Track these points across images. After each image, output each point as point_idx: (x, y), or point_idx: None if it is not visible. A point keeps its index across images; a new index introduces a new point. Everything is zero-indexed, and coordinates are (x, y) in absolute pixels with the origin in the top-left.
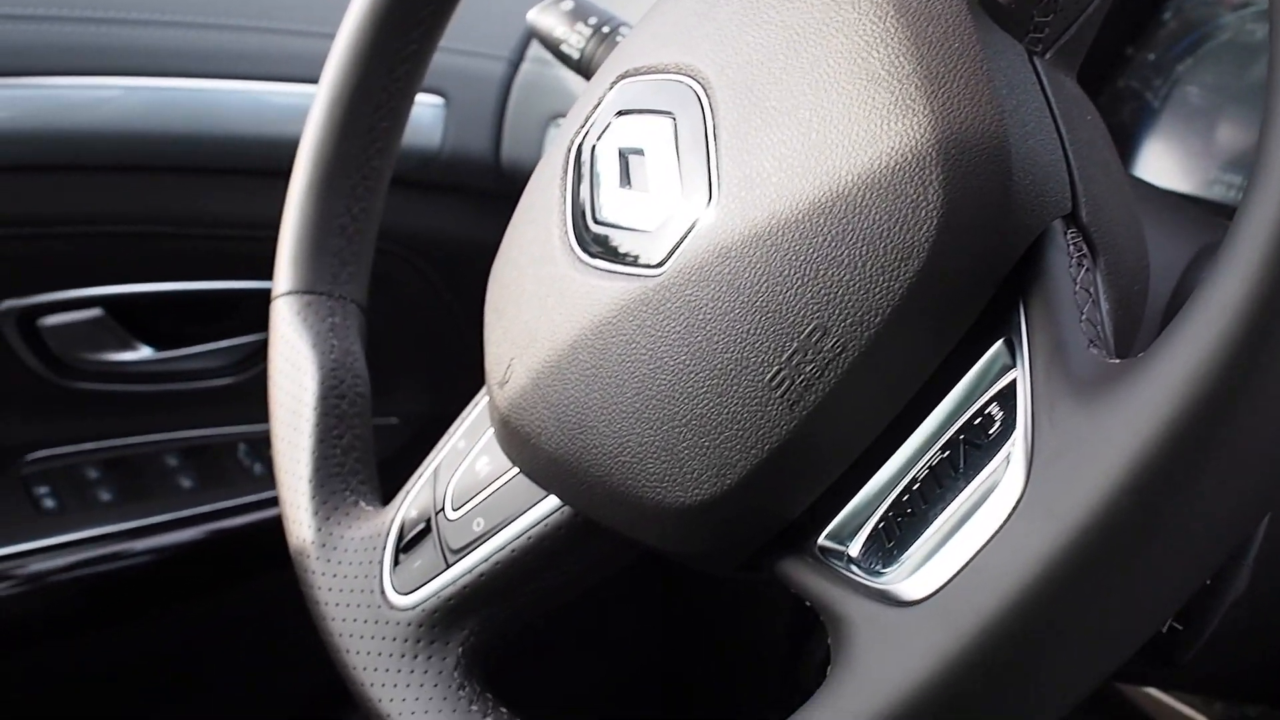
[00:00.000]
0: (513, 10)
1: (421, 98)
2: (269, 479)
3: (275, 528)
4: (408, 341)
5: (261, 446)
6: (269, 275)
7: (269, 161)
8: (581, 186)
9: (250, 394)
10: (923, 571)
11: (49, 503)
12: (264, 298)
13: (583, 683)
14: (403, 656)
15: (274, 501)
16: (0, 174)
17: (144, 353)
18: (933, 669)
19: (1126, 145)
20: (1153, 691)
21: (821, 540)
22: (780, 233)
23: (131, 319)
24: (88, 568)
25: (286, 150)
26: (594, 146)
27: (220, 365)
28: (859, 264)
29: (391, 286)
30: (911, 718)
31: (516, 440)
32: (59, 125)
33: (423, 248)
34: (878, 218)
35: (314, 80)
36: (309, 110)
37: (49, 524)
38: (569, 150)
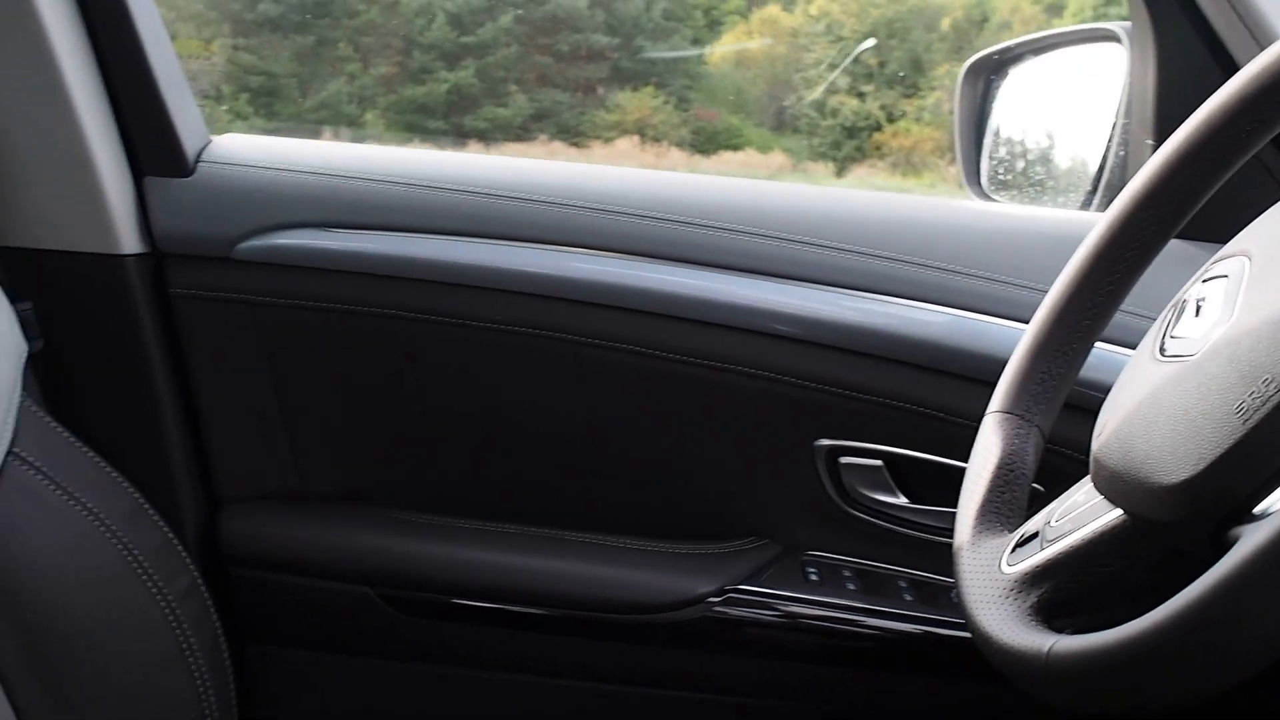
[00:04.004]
0: None
1: None
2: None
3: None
4: None
5: (923, 587)
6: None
7: (982, 372)
8: (1170, 322)
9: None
10: None
11: (814, 577)
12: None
13: None
14: (1000, 598)
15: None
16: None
17: (902, 500)
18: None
19: None
20: None
21: (1255, 510)
22: (1260, 329)
23: (901, 473)
24: (829, 623)
25: (994, 365)
26: (1184, 299)
27: (945, 526)
28: None
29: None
30: (1253, 570)
31: (1099, 468)
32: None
33: None
34: None
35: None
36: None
37: (810, 588)
38: (1171, 305)
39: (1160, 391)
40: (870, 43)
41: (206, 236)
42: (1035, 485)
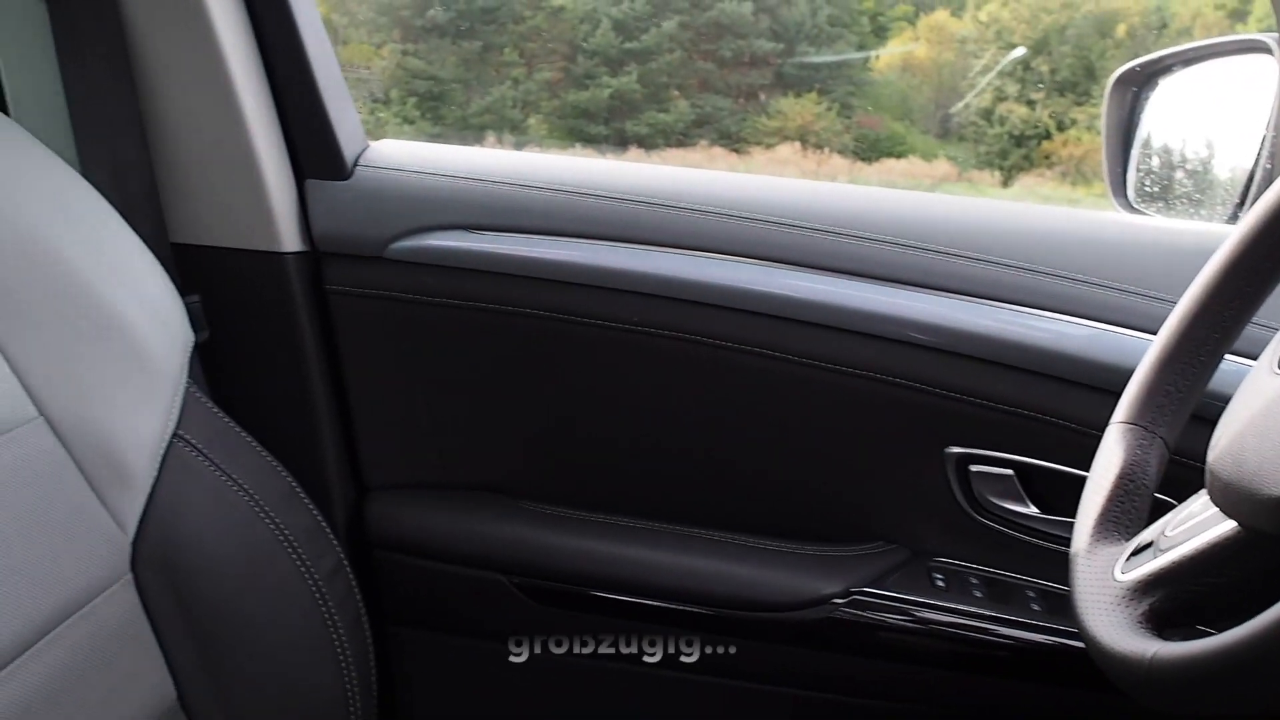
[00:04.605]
0: None
1: None
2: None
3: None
4: None
5: (1050, 597)
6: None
7: (1119, 386)
8: None
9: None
10: None
11: (940, 583)
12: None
13: None
14: (1111, 605)
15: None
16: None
17: (1033, 510)
18: None
19: None
20: None
21: None
22: None
23: (1032, 483)
24: (954, 629)
25: (1120, 375)
26: None
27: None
28: None
29: None
30: None
31: (1213, 479)
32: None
33: None
34: None
35: (1144, 329)
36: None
37: (936, 594)
38: None
39: (1274, 404)
40: (1019, 52)
41: (362, 237)
42: (1166, 498)
